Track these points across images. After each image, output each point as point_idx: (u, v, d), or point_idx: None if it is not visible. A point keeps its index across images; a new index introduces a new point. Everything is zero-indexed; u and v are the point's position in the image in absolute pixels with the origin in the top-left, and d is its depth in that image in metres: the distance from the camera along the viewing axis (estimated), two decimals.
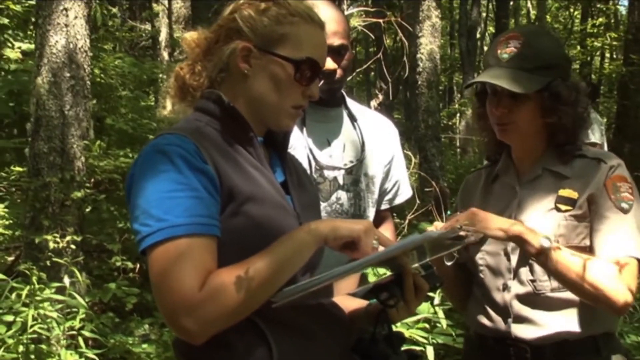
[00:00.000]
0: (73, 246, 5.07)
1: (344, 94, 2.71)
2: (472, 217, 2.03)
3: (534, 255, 2.03)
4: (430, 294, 3.79)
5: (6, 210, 6.78)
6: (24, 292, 3.65)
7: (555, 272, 2.04)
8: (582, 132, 2.20)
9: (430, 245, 1.78)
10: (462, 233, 1.85)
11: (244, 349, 1.56)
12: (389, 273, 1.73)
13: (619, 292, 1.99)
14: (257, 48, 1.67)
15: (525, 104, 2.13)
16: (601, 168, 2.12)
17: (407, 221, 5.41)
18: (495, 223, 2.04)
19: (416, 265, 1.74)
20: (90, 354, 3.68)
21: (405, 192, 2.85)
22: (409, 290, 1.71)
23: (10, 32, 9.17)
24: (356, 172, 2.64)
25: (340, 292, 1.94)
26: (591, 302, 2.07)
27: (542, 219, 2.13)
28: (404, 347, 1.82)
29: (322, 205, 2.53)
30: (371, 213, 2.72)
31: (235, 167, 1.61)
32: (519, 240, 2.04)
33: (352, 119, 2.70)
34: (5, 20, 9.92)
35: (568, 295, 2.09)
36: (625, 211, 2.08)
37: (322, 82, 2.48)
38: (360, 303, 1.88)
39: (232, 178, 1.58)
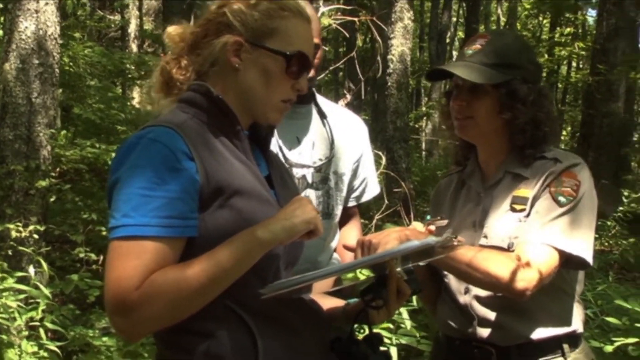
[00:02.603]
0: (36, 236, 5.00)
1: (314, 91, 2.72)
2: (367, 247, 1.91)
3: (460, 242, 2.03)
4: None
5: None
6: None
7: (447, 269, 2.08)
8: (546, 138, 2.19)
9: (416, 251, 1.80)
10: (455, 242, 1.87)
11: (228, 340, 1.57)
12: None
13: (518, 279, 1.97)
14: (248, 42, 1.68)
15: (483, 98, 2.16)
16: (556, 167, 2.12)
17: (374, 221, 5.43)
18: (392, 238, 1.92)
19: (399, 269, 1.77)
20: (50, 346, 3.63)
21: (372, 190, 2.86)
22: (392, 293, 1.74)
23: None
24: (325, 170, 2.64)
25: (317, 289, 1.95)
26: (491, 290, 2.09)
27: (501, 222, 2.15)
28: None
29: None
30: (339, 211, 2.72)
31: (222, 160, 1.61)
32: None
33: (322, 116, 2.70)
34: None
35: (530, 297, 2.10)
36: (560, 204, 2.07)
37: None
38: (338, 302, 1.90)
39: (219, 172, 1.58)
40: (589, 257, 2.06)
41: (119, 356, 4.18)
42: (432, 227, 2.13)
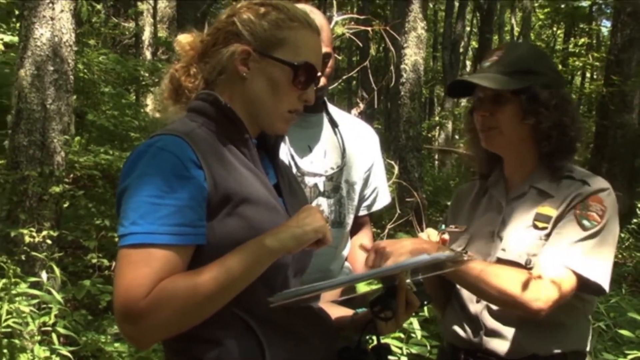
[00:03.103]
0: (49, 241, 5.01)
1: (325, 100, 2.72)
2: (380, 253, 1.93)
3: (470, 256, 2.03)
4: None
5: None
6: None
7: (460, 283, 2.08)
8: (572, 144, 2.18)
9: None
10: (465, 257, 1.87)
11: (237, 348, 1.58)
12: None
13: (534, 299, 1.97)
14: (256, 52, 1.69)
15: (505, 107, 2.16)
16: (584, 189, 2.11)
17: (386, 231, 5.42)
18: (405, 250, 1.94)
19: (409, 281, 1.77)
20: (63, 351, 3.64)
21: (383, 199, 2.86)
22: (401, 305, 1.74)
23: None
24: (337, 179, 2.65)
25: (326, 298, 1.95)
26: (503, 306, 2.09)
27: (521, 236, 2.15)
28: None
29: None
30: (350, 220, 2.73)
31: (230, 169, 1.62)
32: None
33: (333, 124, 2.71)
34: None
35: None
36: (584, 228, 2.06)
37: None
38: (346, 312, 1.90)
39: (227, 180, 1.59)
40: (606, 284, 2.05)
41: None
42: (446, 236, 2.13)
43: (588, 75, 22.28)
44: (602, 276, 2.04)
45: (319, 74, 2.49)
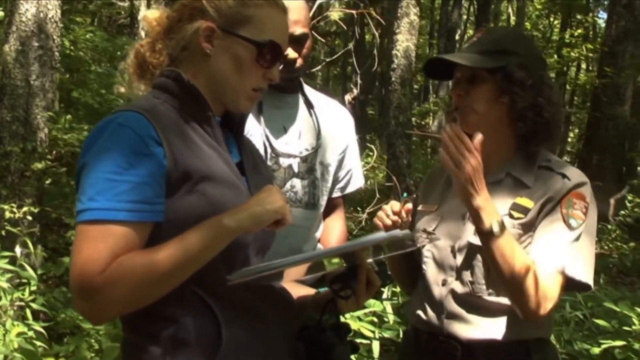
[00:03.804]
0: (30, 217, 5.01)
1: (302, 80, 2.71)
2: (466, 159, 2.00)
3: (479, 233, 2.03)
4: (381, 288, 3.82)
5: None
6: None
7: (491, 256, 2.03)
8: (548, 125, 2.16)
9: (388, 243, 1.79)
10: (424, 236, 1.85)
11: (193, 326, 1.57)
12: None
13: (538, 302, 2.00)
14: (221, 29, 1.67)
15: (481, 86, 2.15)
16: (564, 184, 2.10)
17: (364, 215, 5.41)
18: (468, 180, 1.99)
19: (370, 260, 1.77)
20: (37, 327, 3.63)
21: (357, 181, 2.85)
22: (361, 283, 1.74)
23: None
24: (311, 160, 2.64)
25: (290, 277, 1.94)
26: (512, 298, 2.07)
27: None
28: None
29: None
30: (324, 201, 2.72)
31: (191, 146, 1.61)
32: (474, 214, 2.04)
33: (309, 106, 2.70)
34: None
35: (503, 300, 2.09)
36: (571, 228, 2.07)
37: (282, 68, 2.49)
38: (308, 291, 1.90)
39: (188, 157, 1.58)
40: (592, 281, 2.08)
41: (108, 339, 4.18)
42: (409, 206, 2.13)
43: (583, 66, 22.27)
44: (589, 275, 2.07)
45: (286, 53, 2.50)
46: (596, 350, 4.04)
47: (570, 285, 2.07)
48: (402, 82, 9.13)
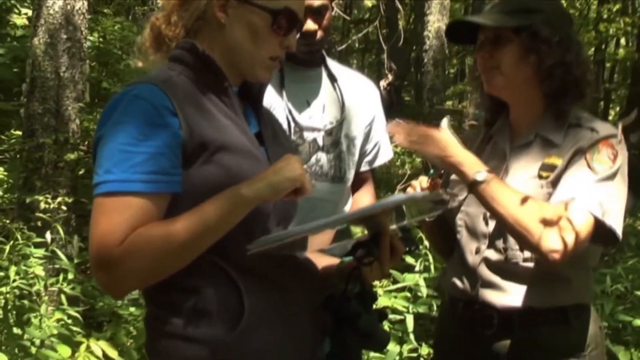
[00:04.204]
0: (64, 207, 5.06)
1: (324, 54, 2.67)
2: (419, 136, 2.04)
3: (468, 187, 1.99)
4: (412, 261, 3.79)
5: (5, 173, 6.78)
6: (7, 249, 3.64)
7: (487, 207, 1.99)
8: (577, 83, 2.08)
9: (410, 207, 1.75)
10: (445, 197, 1.82)
11: (215, 296, 1.56)
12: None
13: (546, 237, 1.89)
14: None
15: (507, 47, 2.08)
16: (592, 136, 2.02)
17: (397, 191, 5.36)
18: (435, 149, 2.01)
19: (394, 227, 1.72)
20: (71, 311, 3.67)
21: (385, 154, 2.81)
22: (385, 250, 1.69)
23: None
24: (336, 134, 2.60)
25: (314, 247, 1.92)
26: (520, 243, 2.01)
27: (524, 186, 2.05)
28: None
29: None
30: (351, 175, 2.69)
31: (207, 116, 1.59)
32: (456, 173, 2.02)
33: (332, 79, 2.66)
34: None
35: (539, 266, 2.03)
36: (595, 171, 1.97)
37: (302, 41, 2.45)
38: (333, 260, 1.87)
39: (204, 127, 1.56)
40: (620, 232, 1.96)
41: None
42: (438, 180, 2.09)
43: (622, 42, 21.83)
44: (618, 224, 1.95)
45: (306, 24, 2.47)
46: (638, 322, 3.95)
47: (596, 235, 1.95)
48: (435, 64, 9.04)
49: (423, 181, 2.11)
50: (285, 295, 1.65)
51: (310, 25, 2.45)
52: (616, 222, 1.95)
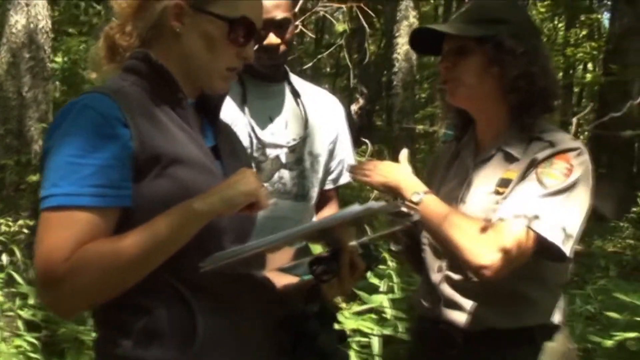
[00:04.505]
0: (26, 230, 4.96)
1: (287, 69, 2.64)
2: (366, 169, 2.08)
3: (410, 208, 1.93)
4: (376, 282, 3.74)
5: None
6: None
7: (425, 226, 2.00)
8: (543, 95, 2.03)
9: (371, 221, 1.72)
10: (403, 209, 1.77)
11: (167, 317, 1.49)
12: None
13: (476, 253, 1.86)
14: (190, 6, 1.60)
15: (470, 57, 2.04)
16: (549, 148, 1.96)
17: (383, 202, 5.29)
18: (379, 177, 2.04)
19: (354, 243, 1.68)
20: (29, 338, 3.56)
21: None
22: (345, 266, 1.64)
23: None
24: (299, 151, 2.56)
25: (272, 266, 1.86)
26: (458, 260, 1.96)
27: (481, 202, 2.03)
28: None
29: (264, 185, 2.44)
30: (315, 193, 2.64)
31: (161, 128, 1.54)
32: (397, 195, 2.00)
33: (295, 95, 2.62)
34: None
35: (501, 285, 1.95)
36: (544, 185, 1.90)
37: (264, 55, 2.41)
38: (292, 279, 1.82)
39: (156, 139, 1.50)
40: (566, 248, 1.88)
41: None
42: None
43: (590, 66, 22.15)
44: (560, 238, 1.88)
45: (279, 41, 2.43)
46: (608, 342, 3.93)
47: (542, 250, 1.89)
48: (404, 86, 9.07)
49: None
50: (241, 315, 1.59)
51: (272, 39, 2.42)
52: (559, 237, 1.88)
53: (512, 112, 2.07)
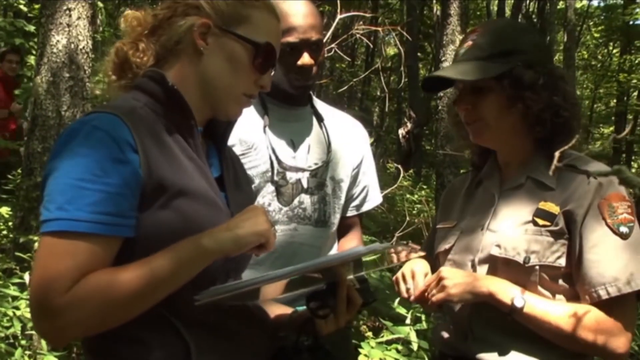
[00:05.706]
0: None
1: (311, 93, 2.58)
2: (438, 282, 1.93)
3: (507, 314, 1.86)
4: (403, 312, 3.64)
5: (10, 212, 6.72)
6: None
7: (536, 329, 1.87)
8: (569, 125, 1.95)
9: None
10: (404, 247, 1.72)
11: (159, 349, 1.45)
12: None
13: (612, 346, 1.81)
14: (217, 26, 1.58)
15: (488, 96, 1.95)
16: (590, 184, 1.88)
17: (394, 239, 5.23)
18: (460, 287, 1.90)
19: (351, 277, 1.66)
20: (51, 358, 3.52)
21: (374, 199, 2.69)
22: (342, 302, 1.61)
23: (36, 39, 9.21)
24: (321, 175, 2.49)
25: (267, 295, 1.83)
26: (588, 354, 1.89)
27: (516, 232, 1.92)
28: None
29: (284, 209, 2.38)
30: (336, 219, 2.56)
31: (169, 156, 1.49)
32: (492, 302, 1.88)
33: (319, 119, 2.56)
34: (32, 28, 10.01)
35: None
36: (624, 236, 1.83)
37: (297, 76, 2.37)
38: (285, 309, 1.79)
39: (164, 168, 1.45)
40: None
41: None
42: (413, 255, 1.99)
43: None
44: None
45: (312, 62, 2.37)
46: None
47: None
48: (449, 110, 8.91)
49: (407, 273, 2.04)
50: (235, 345, 1.55)
51: (307, 59, 2.38)
52: None
53: (537, 141, 1.99)
